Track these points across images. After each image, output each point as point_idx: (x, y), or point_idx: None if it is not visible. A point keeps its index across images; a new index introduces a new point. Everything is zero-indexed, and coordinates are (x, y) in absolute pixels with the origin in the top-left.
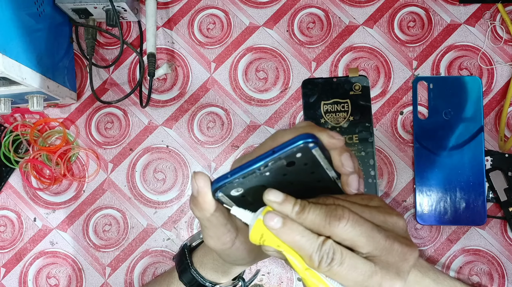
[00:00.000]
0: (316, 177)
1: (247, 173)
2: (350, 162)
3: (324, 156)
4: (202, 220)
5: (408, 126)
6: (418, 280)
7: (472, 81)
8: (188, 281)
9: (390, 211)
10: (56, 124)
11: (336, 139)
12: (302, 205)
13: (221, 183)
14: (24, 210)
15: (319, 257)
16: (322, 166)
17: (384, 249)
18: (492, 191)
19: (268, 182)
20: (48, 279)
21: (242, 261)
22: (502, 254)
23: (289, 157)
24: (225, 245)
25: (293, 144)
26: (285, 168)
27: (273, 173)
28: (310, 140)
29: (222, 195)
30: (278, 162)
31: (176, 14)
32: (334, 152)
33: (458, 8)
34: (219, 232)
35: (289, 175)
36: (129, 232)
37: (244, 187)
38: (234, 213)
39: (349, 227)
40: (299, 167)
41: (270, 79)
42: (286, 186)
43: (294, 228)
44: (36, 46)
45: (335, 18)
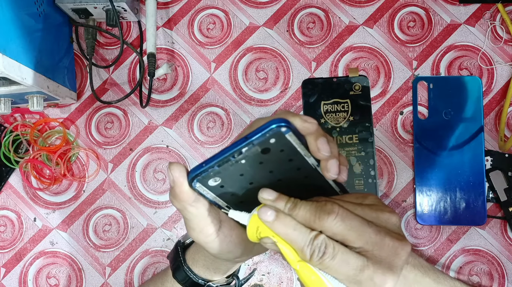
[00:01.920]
0: (295, 165)
1: (222, 160)
2: (327, 146)
3: (300, 142)
4: (183, 211)
5: (408, 126)
6: (418, 280)
7: (472, 81)
8: (181, 279)
9: (383, 207)
10: (56, 124)
11: (309, 123)
12: (294, 202)
13: (196, 172)
14: (24, 210)
15: (310, 250)
16: (299, 152)
17: (375, 244)
18: (492, 191)
19: (245, 171)
20: (48, 279)
21: (229, 254)
22: (502, 254)
23: (262, 143)
24: (209, 237)
25: (265, 129)
26: (260, 155)
27: (249, 161)
28: (283, 125)
29: (200, 186)
30: (253, 148)
31: (176, 14)
32: (310, 137)
33: (458, 8)
34: (201, 223)
35: (267, 163)
36: (129, 232)
37: (221, 177)
38: (232, 216)
39: (339, 221)
40: (275, 154)
41: (270, 79)
42: (266, 176)
43: (287, 221)
44: (36, 46)
45: (335, 18)
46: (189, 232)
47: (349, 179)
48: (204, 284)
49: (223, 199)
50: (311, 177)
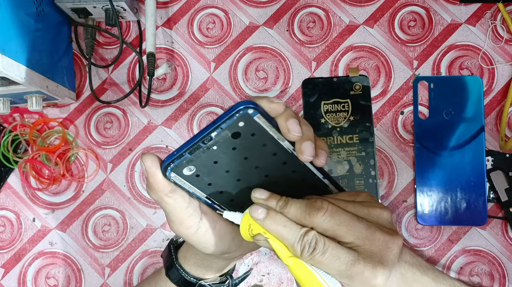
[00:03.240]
0: (270, 150)
1: (192, 147)
2: (297, 127)
3: (271, 124)
4: (160, 203)
5: (409, 126)
6: (416, 278)
7: (472, 81)
8: (174, 278)
9: (374, 204)
10: (55, 124)
11: (276, 103)
12: (285, 200)
13: (169, 161)
14: (23, 210)
15: (301, 246)
16: (272, 135)
17: (366, 239)
18: (493, 191)
19: (219, 158)
20: (47, 280)
21: (215, 248)
22: (503, 254)
23: (231, 126)
24: (190, 230)
25: (232, 112)
26: (231, 140)
27: (221, 147)
28: (250, 106)
29: (175, 176)
30: (222, 133)
31: (176, 13)
32: (280, 118)
33: (458, 7)
34: (180, 215)
35: (240, 149)
36: (129, 232)
37: (195, 165)
38: (226, 217)
39: (328, 217)
40: (247, 138)
41: (270, 79)
42: (242, 163)
43: (277, 218)
44: (35, 46)
45: (336, 17)
46: (170, 225)
47: (349, 179)
48: (195, 282)
49: (202, 191)
50: (290, 164)
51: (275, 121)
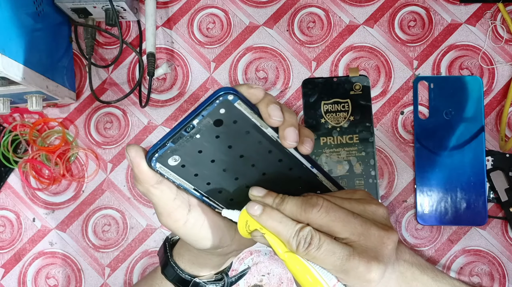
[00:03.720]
0: (254, 138)
1: (175, 136)
2: (278, 112)
3: (253, 111)
4: (147, 194)
5: (409, 126)
6: (416, 277)
7: (473, 81)
8: (169, 275)
9: (370, 200)
10: (55, 124)
11: (255, 89)
12: (282, 198)
13: (152, 150)
14: (23, 210)
15: (296, 241)
16: (254, 122)
17: (361, 234)
18: (493, 191)
19: (204, 147)
20: (47, 280)
21: (206, 242)
22: (503, 254)
23: (212, 114)
24: (178, 222)
25: (212, 98)
26: (214, 128)
27: (204, 136)
28: (230, 92)
29: (160, 166)
30: (204, 121)
31: (176, 13)
32: (261, 104)
33: (458, 7)
34: (168, 207)
35: (223, 137)
36: (129, 232)
37: (180, 155)
38: (225, 215)
39: (323, 213)
40: (229, 126)
41: (270, 79)
42: (227, 152)
43: (273, 214)
44: (35, 46)
45: (336, 17)
46: (158, 218)
47: (349, 179)
48: (190, 279)
49: (189, 182)
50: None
51: (256, 108)
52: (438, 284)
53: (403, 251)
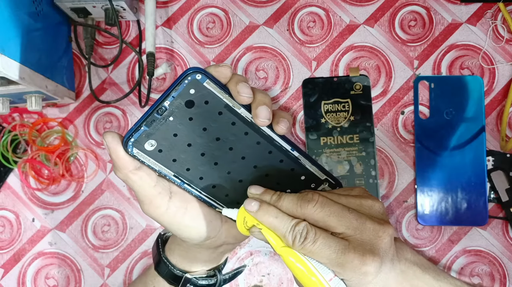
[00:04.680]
0: (228, 119)
1: (147, 119)
2: (247, 89)
3: (223, 91)
4: (127, 182)
5: (409, 126)
6: (417, 276)
7: (473, 81)
8: (161, 271)
9: (367, 196)
10: (55, 124)
11: (222, 67)
12: (279, 195)
13: (128, 135)
14: (22, 210)
15: (292, 236)
16: (226, 102)
17: (357, 228)
18: (493, 191)
19: (178, 130)
20: (47, 280)
21: (189, 230)
22: (503, 254)
23: (182, 94)
24: (159, 209)
25: (180, 78)
26: (186, 109)
27: (177, 118)
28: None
29: (138, 152)
30: (175, 102)
31: (176, 13)
32: (231, 83)
33: (459, 7)
34: (148, 194)
35: (197, 119)
36: (128, 232)
37: (155, 139)
38: (225, 214)
39: (318, 208)
40: (201, 107)
41: (270, 79)
42: (202, 135)
43: (270, 210)
44: (34, 46)
45: (336, 17)
46: (140, 206)
47: (350, 179)
48: (182, 275)
49: (168, 168)
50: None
51: (227, 88)
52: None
53: (404, 250)
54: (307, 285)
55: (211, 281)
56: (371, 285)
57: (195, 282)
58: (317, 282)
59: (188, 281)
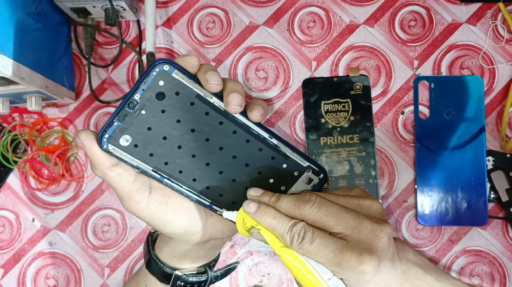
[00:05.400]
0: (201, 109)
1: (119, 113)
2: (215, 77)
3: (193, 80)
4: (105, 179)
5: (409, 126)
6: (419, 276)
7: (473, 81)
8: (152, 269)
9: (365, 196)
10: (55, 124)
11: (188, 56)
12: (278, 196)
13: (102, 131)
14: (22, 210)
15: (290, 236)
16: (197, 92)
17: (354, 228)
18: (493, 191)
19: (152, 123)
20: (47, 280)
21: (172, 225)
22: (503, 254)
23: (152, 87)
24: (139, 205)
25: (148, 70)
26: (157, 102)
27: (150, 111)
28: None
29: (113, 148)
30: (145, 95)
31: (176, 13)
32: (200, 73)
33: (459, 7)
34: (127, 190)
35: (170, 111)
36: (128, 232)
37: (130, 134)
38: (226, 217)
39: (315, 209)
40: (173, 98)
41: (270, 79)
42: (176, 127)
43: (268, 211)
44: (34, 46)
45: (336, 17)
46: (121, 203)
47: (350, 179)
48: (171, 272)
49: (146, 163)
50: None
51: (197, 78)
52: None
53: (406, 251)
54: (305, 284)
55: (202, 277)
56: (370, 284)
57: (185, 279)
58: (315, 281)
59: (178, 278)
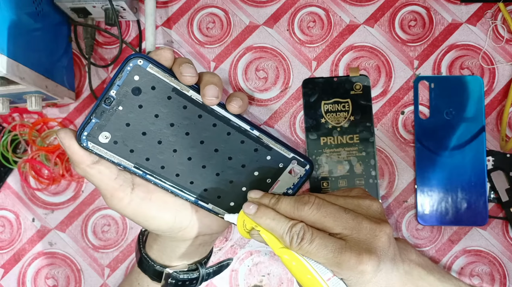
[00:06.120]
0: (178, 103)
1: (96, 110)
2: (190, 69)
3: (168, 74)
4: (86, 177)
5: (409, 126)
6: (422, 277)
7: (473, 81)
8: (143, 268)
9: (364, 196)
10: (55, 124)
11: (161, 49)
12: (277, 198)
13: (80, 129)
14: (22, 210)
15: (289, 237)
16: (173, 86)
17: (353, 228)
18: (493, 191)
19: (130, 119)
20: (47, 280)
21: (158, 222)
22: (503, 254)
23: (127, 82)
24: (122, 202)
25: (122, 65)
26: (134, 97)
27: (127, 107)
28: (138, 56)
29: (93, 145)
30: (121, 91)
31: (176, 13)
32: (174, 66)
33: (459, 7)
34: (109, 188)
35: (147, 106)
36: (128, 232)
37: (109, 130)
38: (227, 219)
39: (314, 210)
40: (149, 93)
41: (270, 79)
42: (155, 122)
43: (267, 212)
44: (34, 46)
45: (336, 17)
46: (104, 201)
47: (350, 179)
48: (162, 270)
49: (127, 159)
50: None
51: (172, 71)
52: (444, 285)
53: (409, 251)
54: (305, 285)
55: (193, 275)
56: (371, 284)
57: (176, 277)
58: (315, 281)
59: (169, 276)
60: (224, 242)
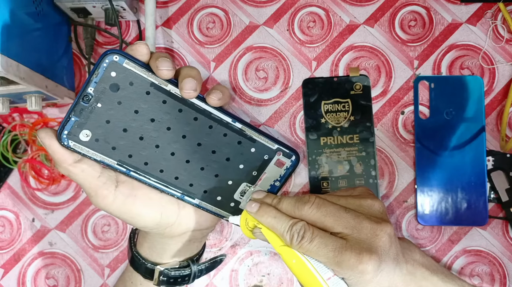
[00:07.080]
0: (157, 97)
1: (75, 108)
2: (166, 63)
3: (145, 69)
4: (69, 176)
5: (409, 126)
6: (426, 277)
7: (473, 81)
8: (135, 266)
9: (366, 196)
10: (55, 124)
11: (137, 44)
12: (279, 198)
13: (60, 128)
14: (22, 210)
15: (290, 235)
16: (151, 81)
17: (354, 228)
18: (493, 191)
19: (110, 116)
20: (47, 280)
21: (144, 219)
22: (503, 254)
23: (104, 79)
24: (106, 199)
25: (97, 63)
26: (112, 93)
27: (106, 103)
28: (113, 52)
29: (74, 144)
30: (99, 87)
31: (176, 13)
32: (151, 61)
33: (459, 7)
34: (93, 186)
35: (126, 102)
36: (128, 232)
37: (89, 128)
38: (231, 221)
39: (314, 209)
40: (128, 89)
41: (270, 79)
42: (135, 118)
43: (268, 211)
44: (34, 46)
45: (336, 17)
46: (89, 199)
47: (350, 179)
48: (153, 268)
49: (110, 157)
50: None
51: (149, 66)
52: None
53: (413, 251)
54: (305, 283)
55: (185, 271)
56: (372, 284)
57: (167, 274)
58: (314, 280)
59: (161, 274)
60: (224, 242)
